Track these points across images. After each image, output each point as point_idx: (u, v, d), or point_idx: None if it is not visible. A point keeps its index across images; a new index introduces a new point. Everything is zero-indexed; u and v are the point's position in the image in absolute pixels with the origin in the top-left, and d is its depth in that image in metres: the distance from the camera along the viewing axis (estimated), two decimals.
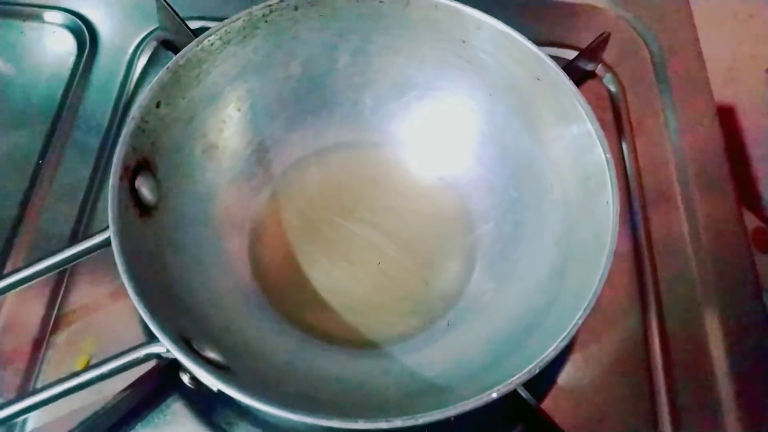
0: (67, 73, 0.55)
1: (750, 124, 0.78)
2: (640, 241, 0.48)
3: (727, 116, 0.76)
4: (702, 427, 0.41)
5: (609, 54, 0.55)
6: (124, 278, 0.33)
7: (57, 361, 0.43)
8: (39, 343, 0.43)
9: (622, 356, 0.44)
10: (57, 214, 0.48)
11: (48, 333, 0.43)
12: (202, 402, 0.41)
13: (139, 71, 0.55)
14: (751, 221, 0.68)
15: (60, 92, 0.54)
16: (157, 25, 0.57)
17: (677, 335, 0.44)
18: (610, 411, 0.42)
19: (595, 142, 0.38)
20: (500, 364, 0.36)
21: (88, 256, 0.38)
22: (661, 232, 0.48)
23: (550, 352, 0.32)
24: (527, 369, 0.32)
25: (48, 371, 0.42)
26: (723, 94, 0.76)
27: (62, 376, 0.41)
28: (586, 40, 0.54)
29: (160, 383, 0.41)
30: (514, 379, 0.32)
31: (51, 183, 0.49)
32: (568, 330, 0.33)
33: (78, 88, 0.54)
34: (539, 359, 0.32)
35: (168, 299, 0.36)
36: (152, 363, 0.38)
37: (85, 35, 0.57)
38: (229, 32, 0.42)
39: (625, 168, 0.51)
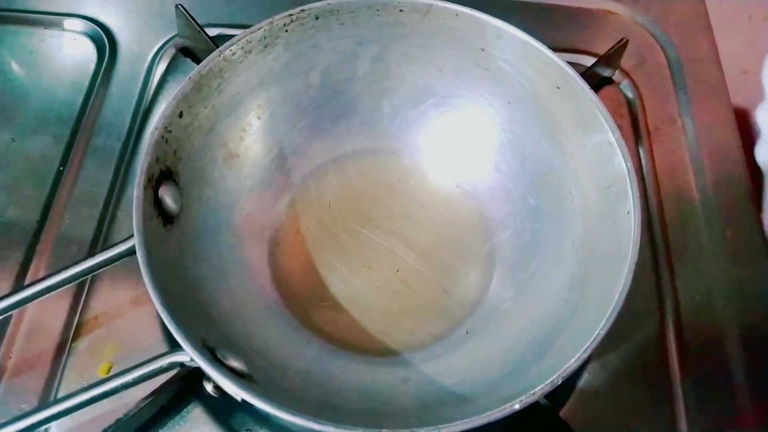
0: (87, 81, 0.55)
1: None
2: (658, 247, 0.48)
3: (741, 119, 0.76)
4: None
5: (626, 60, 0.55)
6: (150, 289, 0.33)
7: (79, 367, 0.43)
8: (61, 350, 0.44)
9: (640, 363, 0.44)
10: (78, 221, 0.48)
11: (70, 339, 0.44)
12: (221, 409, 0.41)
13: (158, 78, 0.56)
14: None
15: (80, 99, 0.54)
16: (175, 33, 0.57)
17: (695, 342, 0.44)
18: (627, 418, 0.42)
19: (616, 151, 0.38)
20: (521, 374, 0.37)
21: (111, 265, 0.39)
22: (679, 239, 0.48)
23: (573, 362, 0.32)
24: (550, 380, 0.32)
25: (70, 377, 0.43)
26: (737, 97, 0.76)
27: (84, 382, 0.41)
28: (603, 46, 0.54)
29: (181, 390, 0.41)
30: (537, 390, 0.32)
31: (72, 189, 0.50)
32: (590, 341, 0.33)
33: (98, 95, 0.55)
34: (562, 370, 0.32)
35: (191, 308, 0.37)
36: (174, 371, 0.38)
37: (105, 42, 0.57)
38: (251, 42, 0.42)
39: (642, 174, 0.51)
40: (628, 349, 0.44)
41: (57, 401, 0.35)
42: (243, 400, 0.33)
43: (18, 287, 0.40)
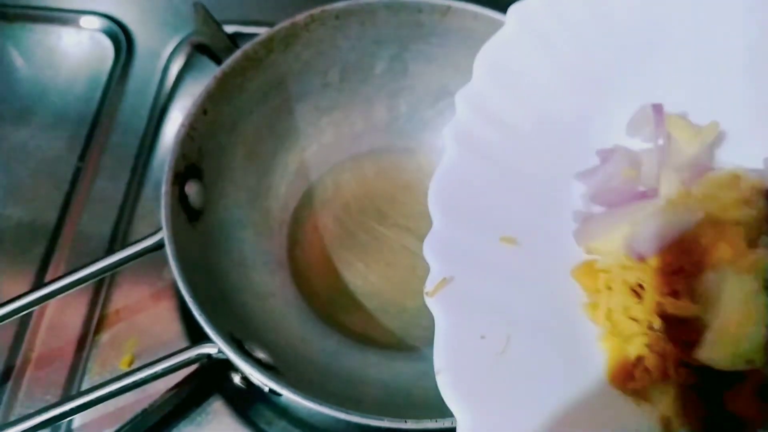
0: (104, 78, 0.56)
1: None
2: None
3: None
4: None
5: None
6: (180, 282, 0.34)
7: (101, 361, 0.44)
8: (83, 343, 0.44)
9: None
10: (96, 218, 0.49)
11: (92, 333, 0.45)
12: (242, 402, 0.42)
13: (175, 75, 0.56)
14: None
15: (97, 96, 0.55)
16: (191, 30, 0.58)
17: None
18: None
19: None
20: None
21: (136, 260, 0.39)
22: None
23: None
24: None
25: (93, 370, 0.43)
26: None
27: (108, 374, 0.43)
28: None
29: (204, 384, 0.42)
30: None
31: (90, 186, 0.50)
32: None
33: (115, 92, 0.55)
34: None
35: (217, 302, 0.37)
36: (196, 365, 0.39)
37: (122, 40, 0.58)
38: (273, 41, 0.43)
39: None
40: None
41: (83, 392, 0.36)
42: (269, 391, 0.34)
43: (42, 283, 0.40)
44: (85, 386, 0.43)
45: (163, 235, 0.36)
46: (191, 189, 0.39)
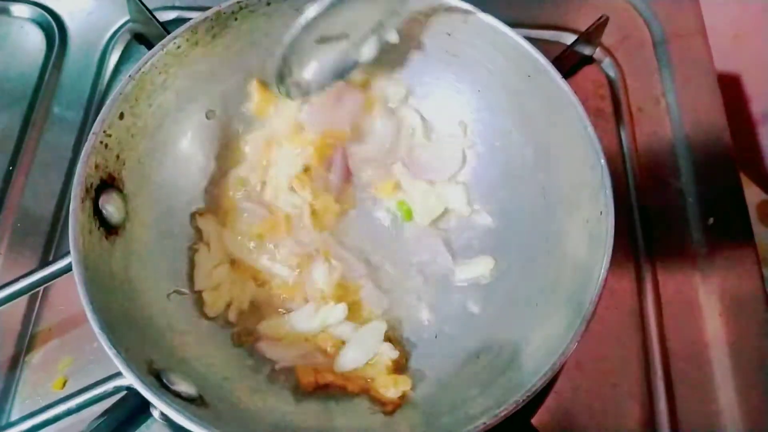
0: (36, 71, 0.52)
1: (756, 93, 0.74)
2: (638, 241, 0.45)
3: (732, 85, 0.73)
4: None
5: (608, 37, 0.52)
6: (88, 312, 0.31)
7: (33, 382, 0.41)
8: (15, 363, 0.42)
9: (619, 363, 0.42)
10: (29, 221, 0.46)
11: (23, 353, 0.42)
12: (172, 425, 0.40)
13: (112, 67, 0.53)
14: (756, 195, 0.65)
15: (29, 91, 0.51)
16: (128, 18, 0.54)
17: (676, 338, 0.42)
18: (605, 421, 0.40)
19: (590, 146, 0.36)
20: (489, 385, 0.35)
21: (57, 279, 0.36)
22: (661, 225, 0.46)
23: (538, 381, 0.31)
24: (513, 399, 0.30)
25: (24, 393, 0.41)
26: (727, 62, 0.72)
27: (39, 398, 0.40)
28: (585, 22, 0.50)
29: (139, 406, 0.39)
30: (501, 410, 0.30)
31: (23, 188, 0.47)
32: (558, 355, 0.31)
33: (48, 85, 0.51)
34: (527, 389, 0.31)
35: (137, 325, 0.35)
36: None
37: (54, 30, 0.54)
38: (196, 32, 0.39)
39: (623, 156, 0.49)
40: (607, 350, 0.42)
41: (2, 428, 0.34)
42: None
43: None
44: (15, 413, 0.40)
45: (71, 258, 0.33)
46: (108, 201, 0.36)
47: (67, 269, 0.35)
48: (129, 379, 0.30)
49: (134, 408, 0.39)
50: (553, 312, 0.35)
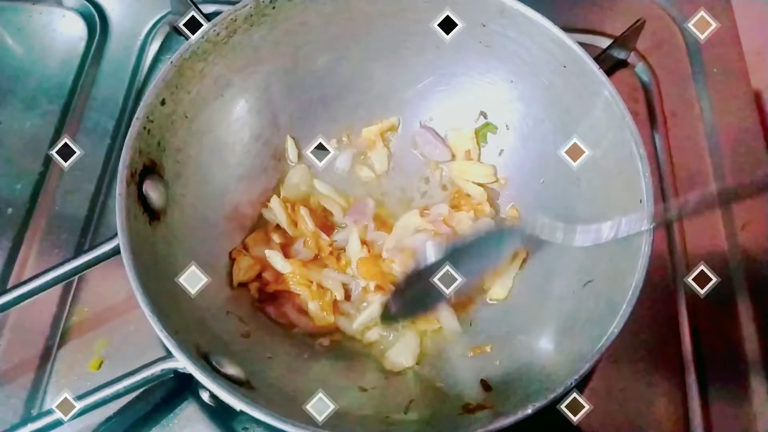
0: (77, 60, 0.53)
1: None
2: (673, 238, 0.46)
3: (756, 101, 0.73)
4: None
5: (642, 42, 0.52)
6: (139, 296, 0.31)
7: (69, 362, 0.41)
8: (50, 345, 0.42)
9: (654, 357, 0.42)
10: (70, 201, 0.46)
11: (59, 333, 0.42)
12: (216, 407, 0.40)
13: (151, 57, 0.53)
14: None
15: (70, 79, 0.52)
16: (168, 10, 0.54)
17: (711, 335, 0.43)
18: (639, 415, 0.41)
19: (627, 136, 0.36)
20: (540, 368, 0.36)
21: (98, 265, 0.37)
22: (695, 227, 0.46)
23: (586, 365, 0.31)
24: (563, 384, 0.31)
25: (61, 372, 0.41)
26: (752, 78, 0.72)
27: (75, 378, 0.40)
28: (619, 27, 0.50)
29: (175, 388, 0.40)
30: (549, 395, 0.31)
31: (63, 170, 0.47)
32: (604, 339, 0.32)
33: (89, 74, 0.52)
34: (576, 373, 0.31)
35: (183, 310, 0.35)
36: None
37: (96, 20, 0.54)
38: (236, 20, 0.39)
39: (657, 160, 0.49)
40: (641, 343, 0.42)
41: (40, 415, 0.34)
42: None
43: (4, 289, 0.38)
44: (51, 391, 0.40)
45: (119, 241, 0.33)
46: (151, 187, 0.36)
47: (111, 253, 0.35)
48: (181, 362, 0.31)
49: (170, 391, 0.40)
50: (593, 299, 0.36)
